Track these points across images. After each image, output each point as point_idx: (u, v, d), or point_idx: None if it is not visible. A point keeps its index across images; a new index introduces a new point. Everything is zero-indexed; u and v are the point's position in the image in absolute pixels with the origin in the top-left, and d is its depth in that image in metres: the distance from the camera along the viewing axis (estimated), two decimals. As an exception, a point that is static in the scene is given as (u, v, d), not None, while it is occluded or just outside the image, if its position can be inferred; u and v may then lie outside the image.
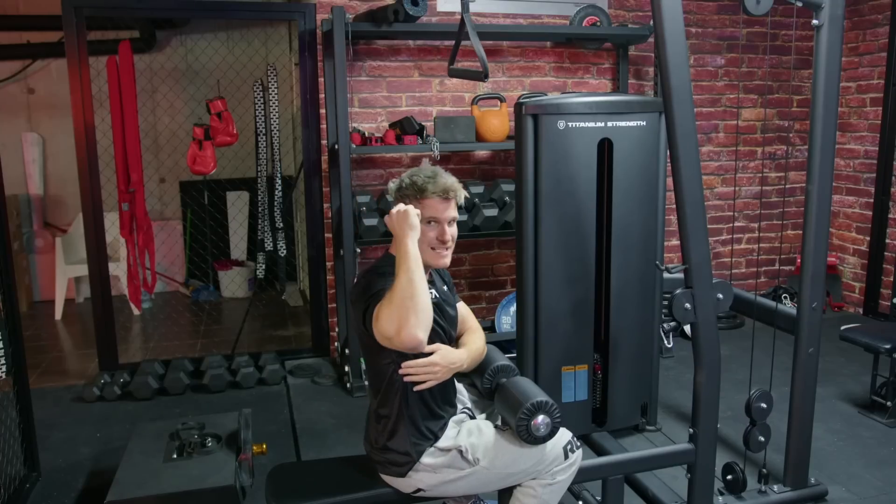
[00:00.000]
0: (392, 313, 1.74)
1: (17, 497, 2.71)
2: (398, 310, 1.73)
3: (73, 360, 4.45)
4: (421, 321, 1.73)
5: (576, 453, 2.04)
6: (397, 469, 1.95)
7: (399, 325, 1.72)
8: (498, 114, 3.93)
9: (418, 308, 1.73)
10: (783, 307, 2.75)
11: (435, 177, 1.94)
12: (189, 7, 4.17)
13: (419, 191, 1.92)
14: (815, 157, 2.44)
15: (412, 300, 1.74)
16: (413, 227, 1.83)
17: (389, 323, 1.74)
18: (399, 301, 1.74)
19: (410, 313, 1.72)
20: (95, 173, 3.78)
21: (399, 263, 1.79)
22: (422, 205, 1.92)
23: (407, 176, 1.97)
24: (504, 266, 4.48)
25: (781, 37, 4.82)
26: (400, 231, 1.83)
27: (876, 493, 2.72)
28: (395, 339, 1.74)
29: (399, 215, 1.84)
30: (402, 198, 1.95)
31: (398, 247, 1.84)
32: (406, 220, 1.83)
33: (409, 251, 1.79)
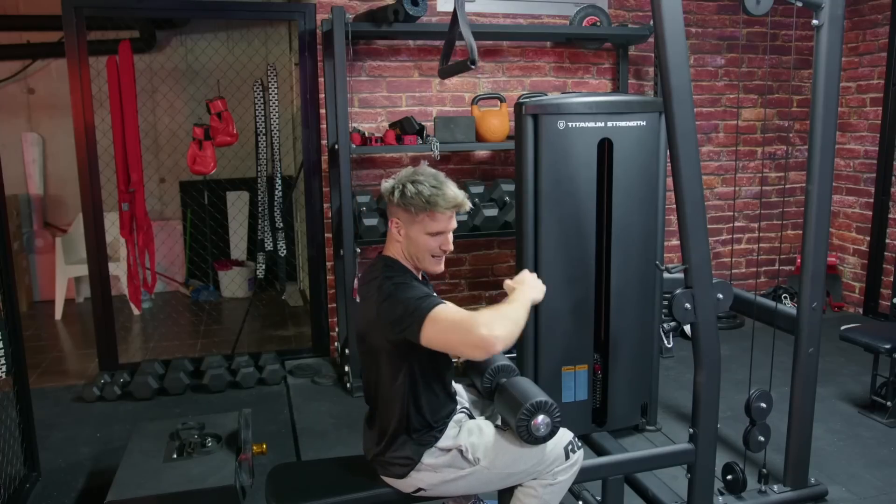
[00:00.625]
0: (495, 316, 1.75)
1: (17, 497, 2.71)
2: (505, 317, 1.76)
3: (73, 360, 4.45)
4: (511, 337, 1.74)
5: (577, 453, 2.04)
6: (398, 470, 1.95)
7: (495, 325, 1.70)
8: (498, 114, 3.93)
9: (517, 330, 1.77)
10: (783, 307, 2.75)
11: (442, 188, 1.89)
12: (189, 7, 4.17)
13: (429, 204, 1.86)
14: (815, 157, 2.44)
15: (518, 322, 1.78)
16: (539, 297, 1.95)
17: (481, 317, 1.72)
18: (511, 314, 1.79)
19: (510, 327, 1.74)
20: (95, 173, 3.78)
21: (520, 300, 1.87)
22: (429, 217, 1.88)
23: (409, 181, 1.89)
24: (504, 266, 4.48)
25: (781, 37, 4.82)
26: (531, 292, 1.92)
27: (876, 493, 2.72)
28: (483, 331, 1.68)
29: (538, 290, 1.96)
30: (405, 206, 1.89)
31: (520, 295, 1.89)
32: (540, 286, 1.98)
33: (527, 300, 1.89)
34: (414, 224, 1.90)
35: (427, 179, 1.90)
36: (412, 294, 1.82)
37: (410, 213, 1.89)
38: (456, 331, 1.74)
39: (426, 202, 1.86)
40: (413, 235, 1.91)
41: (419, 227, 1.90)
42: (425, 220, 1.89)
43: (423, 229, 1.90)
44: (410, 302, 1.79)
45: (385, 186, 1.95)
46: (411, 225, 1.91)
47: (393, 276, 1.90)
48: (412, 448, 1.93)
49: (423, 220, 1.89)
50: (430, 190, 1.87)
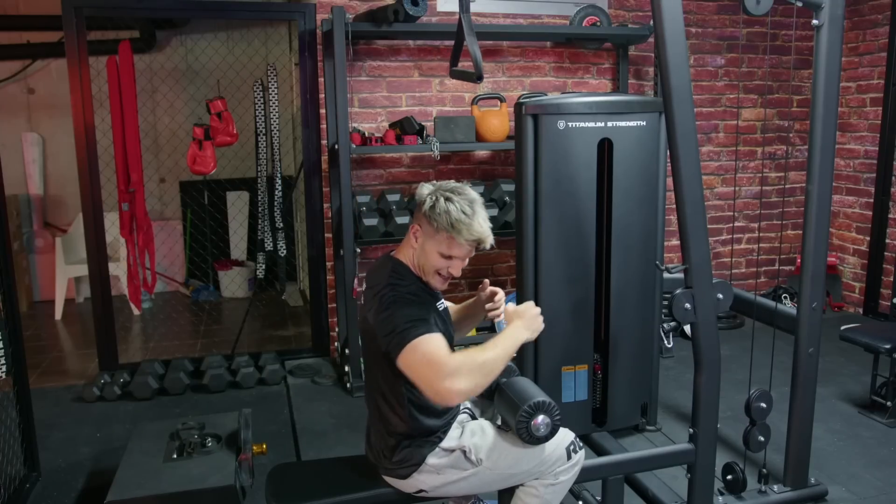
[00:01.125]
0: (466, 364, 1.72)
1: (17, 497, 2.71)
2: (475, 370, 1.73)
3: (73, 360, 4.45)
4: (472, 393, 1.76)
5: (578, 454, 2.04)
6: (401, 472, 1.95)
7: (460, 377, 1.70)
8: (498, 114, 3.93)
9: (484, 383, 1.76)
10: (783, 307, 2.75)
11: (472, 217, 1.83)
12: (189, 7, 4.17)
13: (452, 228, 1.82)
14: (815, 157, 2.44)
15: (489, 375, 1.77)
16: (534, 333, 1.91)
17: (452, 364, 1.71)
18: (485, 367, 1.75)
19: (478, 380, 1.74)
20: (95, 173, 3.78)
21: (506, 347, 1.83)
22: (448, 240, 1.85)
23: (444, 196, 1.84)
24: (504, 266, 4.48)
25: (781, 37, 4.82)
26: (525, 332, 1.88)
27: (876, 493, 2.72)
28: (447, 380, 1.69)
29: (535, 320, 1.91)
30: (429, 218, 1.85)
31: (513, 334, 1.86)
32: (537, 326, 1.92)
33: (516, 342, 1.85)
34: (432, 239, 1.87)
35: (462, 202, 1.84)
36: (407, 313, 1.79)
37: (432, 227, 1.86)
38: (426, 369, 1.73)
39: (450, 225, 1.82)
40: (427, 248, 1.89)
41: (435, 244, 1.87)
42: (443, 241, 1.86)
43: (438, 247, 1.87)
44: (401, 322, 1.77)
45: (421, 192, 1.90)
46: (429, 238, 1.88)
47: (397, 285, 1.87)
48: (416, 450, 1.92)
49: (442, 239, 1.86)
50: (459, 215, 1.82)
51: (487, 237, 1.87)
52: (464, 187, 1.91)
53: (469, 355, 1.75)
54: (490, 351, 1.79)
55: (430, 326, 1.78)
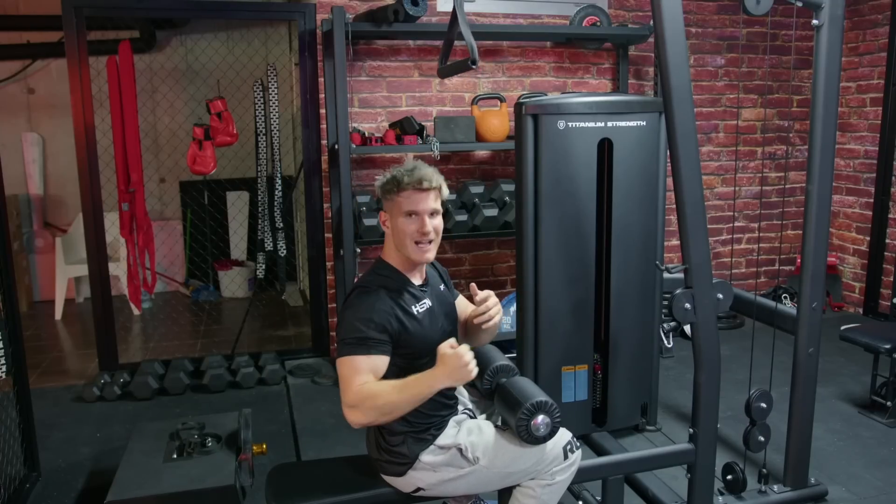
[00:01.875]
0: (367, 401, 1.75)
1: (17, 497, 2.71)
2: (374, 408, 1.75)
3: (73, 360, 4.45)
4: (370, 423, 1.81)
5: (575, 454, 2.03)
6: (396, 468, 1.95)
7: (357, 411, 1.76)
8: (498, 114, 3.93)
9: (382, 419, 1.80)
10: (783, 307, 2.75)
11: (413, 169, 1.91)
12: (189, 7, 4.17)
13: (396, 183, 1.90)
14: (815, 157, 2.44)
15: (389, 415, 1.78)
16: (457, 382, 1.76)
17: (353, 397, 1.76)
18: (385, 407, 1.75)
19: (375, 416, 1.77)
20: (95, 173, 3.78)
21: (418, 390, 1.75)
22: (400, 197, 1.90)
23: (389, 171, 1.95)
24: (504, 266, 4.48)
25: (781, 37, 4.82)
26: (443, 378, 1.74)
27: (876, 493, 2.72)
28: (347, 409, 1.77)
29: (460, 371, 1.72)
30: (384, 194, 1.94)
31: (430, 381, 1.75)
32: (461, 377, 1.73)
33: (431, 389, 1.76)
34: (392, 210, 1.94)
35: (404, 166, 1.94)
36: (351, 325, 1.83)
37: (388, 200, 1.94)
38: (340, 387, 1.82)
39: (395, 181, 1.91)
40: (394, 224, 1.94)
41: (396, 212, 1.92)
42: (398, 201, 1.91)
43: (399, 211, 1.91)
44: (342, 333, 1.84)
45: (376, 185, 1.99)
46: (391, 213, 1.94)
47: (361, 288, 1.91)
48: (408, 447, 1.93)
49: (396, 202, 1.91)
50: (401, 171, 1.91)
51: (433, 177, 1.91)
52: (405, 162, 2.00)
53: (374, 392, 1.75)
54: (397, 393, 1.75)
55: (365, 347, 1.81)
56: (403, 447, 1.93)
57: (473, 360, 1.74)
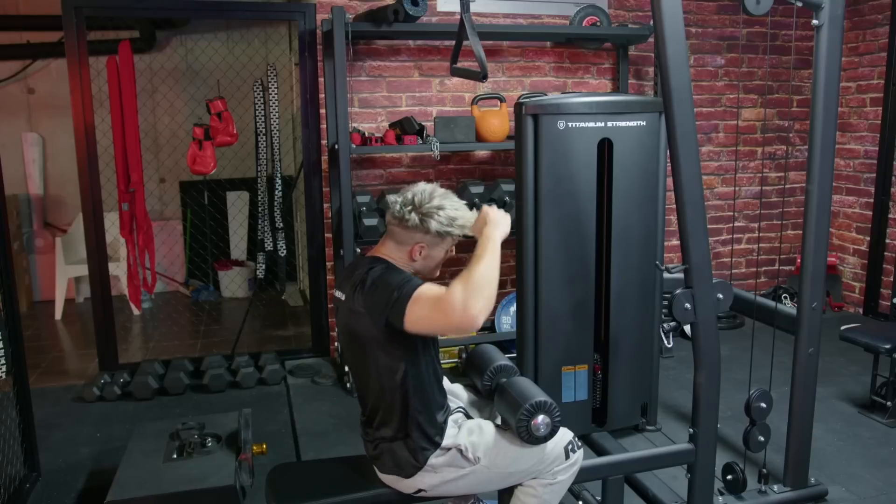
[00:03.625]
0: (467, 289, 1.69)
1: (17, 497, 2.71)
2: (478, 288, 1.70)
3: (73, 360, 4.45)
4: (489, 307, 1.72)
5: (577, 453, 2.04)
6: (404, 471, 1.94)
7: (470, 299, 1.68)
8: (498, 114, 3.93)
9: (493, 293, 1.73)
10: (783, 307, 2.75)
11: (461, 208, 1.96)
12: (189, 7, 4.17)
13: (461, 228, 1.96)
14: (815, 157, 2.44)
15: (492, 284, 1.74)
16: (506, 230, 1.92)
17: (455, 294, 1.70)
18: (482, 280, 1.72)
19: (486, 293, 1.71)
20: (95, 173, 3.78)
21: (488, 250, 1.81)
22: (455, 238, 1.98)
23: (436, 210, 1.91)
24: (504, 266, 4.45)
25: (781, 37, 4.82)
26: (497, 230, 1.88)
27: (876, 493, 2.72)
28: (459, 309, 1.68)
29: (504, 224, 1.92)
30: (439, 234, 1.93)
31: (488, 238, 1.85)
32: (503, 219, 1.93)
33: (497, 245, 1.85)
34: (438, 246, 1.97)
35: (448, 202, 1.95)
36: (398, 277, 1.85)
37: (440, 238, 1.94)
38: (437, 313, 1.74)
39: (460, 227, 1.95)
40: (434, 254, 1.98)
41: (443, 247, 1.98)
42: (449, 241, 1.97)
43: (445, 247, 1.98)
44: (394, 285, 1.81)
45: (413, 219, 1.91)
46: (435, 247, 1.96)
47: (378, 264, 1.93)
48: (418, 450, 1.91)
49: (448, 241, 1.97)
50: (456, 213, 1.94)
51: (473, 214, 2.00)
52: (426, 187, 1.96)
53: (465, 277, 1.74)
54: (477, 263, 1.78)
55: (420, 280, 1.86)
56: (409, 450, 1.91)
57: None
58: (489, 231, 1.88)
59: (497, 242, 1.85)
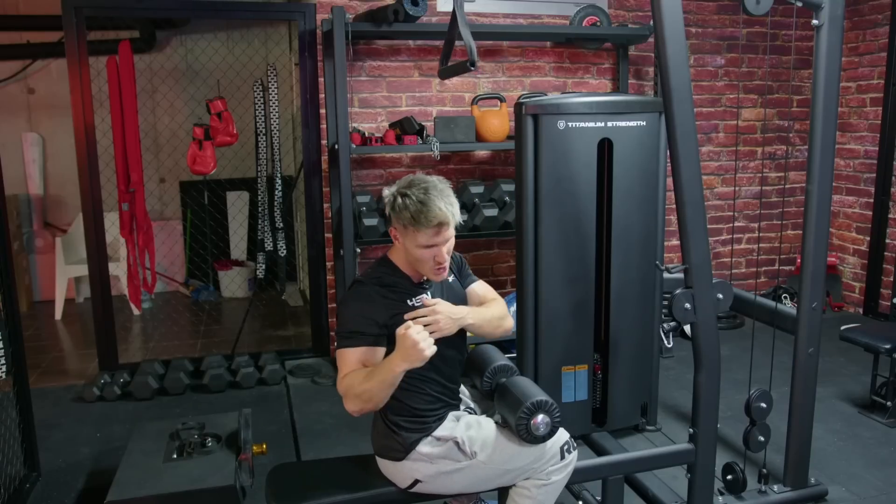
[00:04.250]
0: (351, 391, 1.84)
1: (17, 497, 2.71)
2: (355, 396, 1.83)
3: (73, 360, 4.45)
4: (360, 411, 1.87)
5: (572, 454, 2.04)
6: (394, 454, 1.97)
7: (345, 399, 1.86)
8: (498, 114, 3.93)
9: (366, 407, 1.85)
10: (783, 307, 2.75)
11: (427, 204, 1.83)
12: (189, 7, 4.17)
13: (412, 220, 1.85)
14: (815, 157, 2.44)
15: (368, 400, 1.83)
16: (414, 363, 1.76)
17: (339, 387, 1.87)
18: (362, 394, 1.82)
19: (359, 405, 1.85)
20: (95, 173, 3.78)
21: (380, 374, 1.80)
22: (416, 233, 1.86)
23: (399, 193, 1.87)
24: (504, 266, 4.48)
25: (781, 37, 4.82)
26: (401, 362, 1.76)
27: (876, 493, 2.72)
28: (343, 399, 1.87)
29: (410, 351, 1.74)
30: (396, 218, 1.89)
31: (388, 366, 1.79)
32: (414, 357, 1.75)
33: (392, 373, 1.78)
34: (406, 236, 1.90)
35: (416, 193, 1.85)
36: (347, 318, 1.91)
37: (401, 225, 1.89)
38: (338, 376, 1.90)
39: (411, 217, 1.85)
40: (408, 246, 1.92)
41: (411, 239, 1.89)
42: (414, 234, 1.87)
43: (414, 241, 1.88)
44: (338, 325, 1.93)
45: (383, 194, 1.95)
46: (404, 236, 1.91)
47: (356, 284, 1.96)
48: (405, 433, 1.96)
49: (412, 233, 1.87)
50: (416, 206, 1.84)
51: (448, 218, 1.87)
52: (420, 177, 1.92)
53: (351, 382, 1.84)
54: (367, 381, 1.82)
55: (354, 339, 1.88)
56: (401, 435, 1.96)
57: (426, 340, 1.75)
58: (393, 358, 1.78)
59: (395, 373, 1.78)
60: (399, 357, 1.76)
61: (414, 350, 1.73)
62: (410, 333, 1.74)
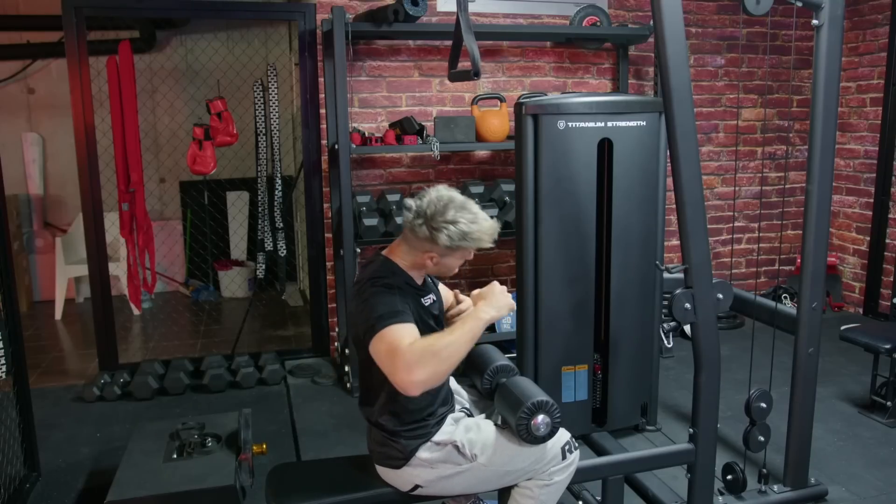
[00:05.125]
0: (424, 356, 1.69)
1: (17, 497, 2.71)
2: (434, 359, 1.69)
3: (73, 360, 4.45)
4: (434, 382, 1.73)
5: (574, 454, 2.04)
6: (393, 462, 1.96)
7: (418, 366, 1.67)
8: (498, 114, 3.93)
9: (445, 370, 1.72)
10: (783, 307, 2.75)
11: (479, 222, 1.90)
12: (189, 7, 4.17)
13: (475, 241, 1.90)
14: (815, 157, 2.44)
15: (448, 361, 1.71)
16: (502, 311, 1.86)
17: (410, 355, 1.69)
18: (442, 354, 1.70)
19: (439, 369, 1.70)
20: (95, 173, 3.78)
21: (465, 329, 1.77)
22: (469, 251, 1.94)
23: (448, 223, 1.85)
24: (504, 266, 4.48)
25: (781, 37, 4.82)
26: (488, 311, 1.83)
27: (876, 493, 2.72)
28: (404, 371, 1.68)
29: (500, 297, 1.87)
30: (449, 248, 1.88)
31: (476, 314, 1.82)
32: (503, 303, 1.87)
33: (480, 322, 1.80)
34: (452, 256, 1.95)
35: (463, 215, 1.88)
36: (384, 302, 1.82)
37: (452, 249, 1.91)
38: (388, 360, 1.73)
39: (472, 241, 1.90)
40: (447, 263, 1.97)
41: (458, 257, 1.96)
42: (466, 252, 1.94)
43: (462, 257, 1.96)
44: (376, 312, 1.80)
45: (424, 232, 1.88)
46: (449, 256, 1.95)
47: (379, 278, 1.89)
48: (403, 441, 1.94)
49: (465, 252, 1.94)
50: (470, 227, 1.88)
51: (496, 228, 1.95)
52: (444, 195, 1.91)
53: (430, 342, 1.73)
54: (450, 335, 1.76)
55: (403, 316, 1.80)
56: (400, 443, 1.94)
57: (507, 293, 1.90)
58: (480, 309, 1.83)
59: (481, 324, 1.80)
60: (488, 304, 1.85)
61: (503, 296, 1.87)
62: (496, 285, 1.90)
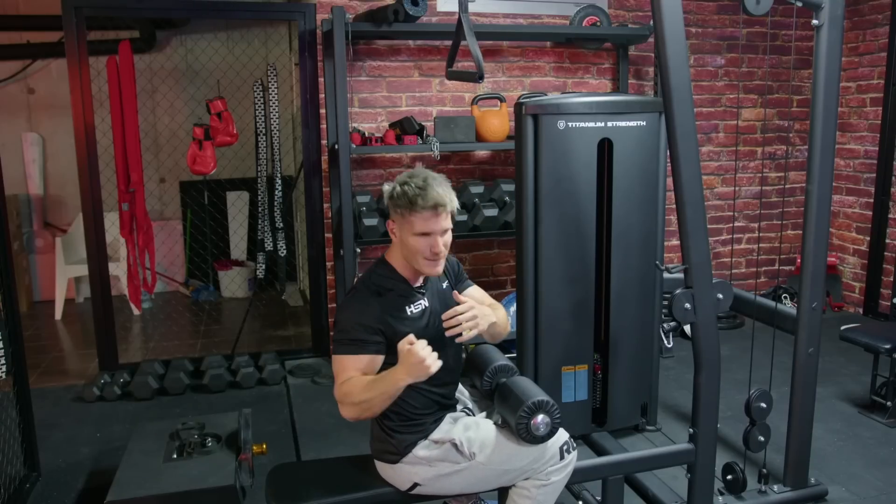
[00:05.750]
0: (349, 397, 1.83)
1: (17, 497, 2.71)
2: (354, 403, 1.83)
3: (73, 360, 4.45)
4: (357, 418, 1.87)
5: (571, 454, 2.03)
6: (389, 457, 1.97)
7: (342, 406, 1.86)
8: (498, 114, 3.93)
9: (363, 413, 1.85)
10: (783, 307, 2.75)
11: (425, 189, 1.87)
12: (189, 7, 4.17)
13: (409, 204, 1.87)
14: (815, 157, 2.44)
15: (365, 408, 1.83)
16: (418, 378, 1.78)
17: (336, 393, 1.87)
18: (362, 401, 1.82)
19: (357, 412, 1.85)
20: (95, 173, 3.78)
21: (383, 384, 1.81)
22: (413, 217, 1.88)
23: (399, 182, 1.92)
24: (504, 266, 4.48)
25: (781, 37, 4.82)
26: (402, 375, 1.78)
27: (876, 493, 2.72)
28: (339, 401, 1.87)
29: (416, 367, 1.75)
30: (394, 207, 1.92)
31: (393, 377, 1.79)
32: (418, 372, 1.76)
33: (395, 386, 1.80)
34: (403, 225, 1.92)
35: (415, 180, 1.90)
36: (342, 324, 1.91)
37: (399, 214, 1.92)
38: (335, 382, 1.90)
39: (409, 202, 1.87)
40: (404, 237, 1.93)
41: (408, 228, 1.91)
42: (410, 221, 1.89)
43: (411, 230, 1.90)
44: (336, 331, 1.92)
45: (384, 189, 1.97)
46: (402, 226, 1.92)
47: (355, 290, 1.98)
48: (399, 436, 1.96)
49: (409, 220, 1.89)
50: (414, 190, 1.87)
51: (445, 201, 1.89)
52: (417, 169, 1.95)
53: (350, 390, 1.84)
54: (368, 391, 1.82)
55: (354, 347, 1.87)
56: (395, 438, 1.96)
57: (431, 356, 1.76)
58: (397, 371, 1.79)
59: (397, 387, 1.79)
60: (403, 371, 1.77)
61: (420, 366, 1.75)
62: (416, 350, 1.75)
